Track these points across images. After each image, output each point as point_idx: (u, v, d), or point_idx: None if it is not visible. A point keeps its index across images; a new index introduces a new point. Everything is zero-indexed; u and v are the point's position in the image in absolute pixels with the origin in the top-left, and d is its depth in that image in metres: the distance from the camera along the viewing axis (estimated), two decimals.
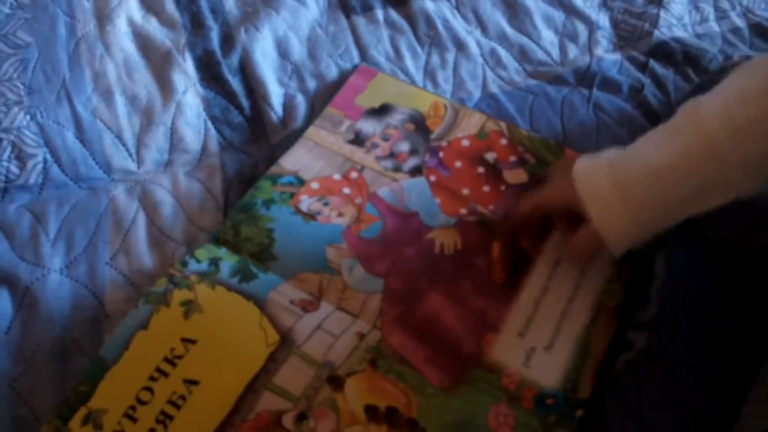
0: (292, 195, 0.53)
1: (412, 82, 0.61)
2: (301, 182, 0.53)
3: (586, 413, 0.43)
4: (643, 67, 0.63)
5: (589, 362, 0.44)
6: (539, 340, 0.45)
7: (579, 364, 0.44)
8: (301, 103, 0.61)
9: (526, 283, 0.48)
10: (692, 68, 0.62)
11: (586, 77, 0.62)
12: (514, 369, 0.44)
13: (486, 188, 0.51)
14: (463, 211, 0.51)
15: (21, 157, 0.57)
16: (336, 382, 0.44)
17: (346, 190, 0.53)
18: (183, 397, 0.43)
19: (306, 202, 0.52)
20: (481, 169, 0.52)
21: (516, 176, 0.52)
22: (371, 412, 0.43)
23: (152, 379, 0.44)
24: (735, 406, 0.43)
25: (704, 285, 0.48)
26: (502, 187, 0.52)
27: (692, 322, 0.47)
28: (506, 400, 0.43)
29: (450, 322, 0.46)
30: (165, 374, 0.44)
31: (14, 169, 0.57)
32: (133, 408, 0.43)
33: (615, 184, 0.42)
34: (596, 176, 0.43)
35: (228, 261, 0.50)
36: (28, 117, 0.59)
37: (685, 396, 0.44)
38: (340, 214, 0.52)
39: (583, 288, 0.47)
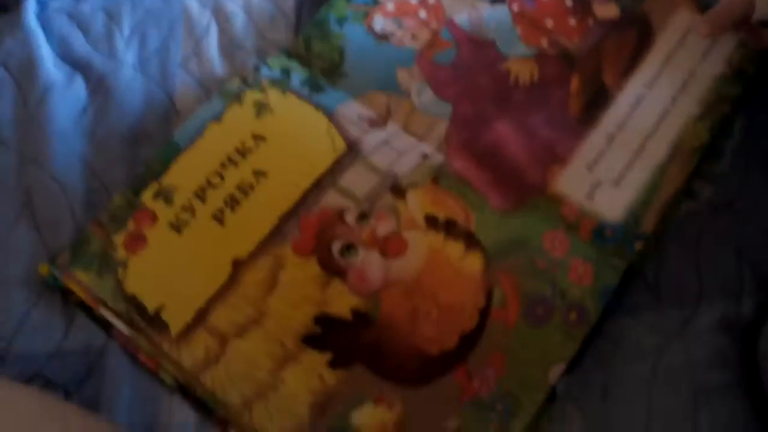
0: (366, 14, 0.52)
1: None
2: (376, 2, 0.52)
3: (646, 249, 0.43)
4: None
5: (656, 200, 0.44)
6: (607, 175, 0.45)
7: (645, 201, 0.44)
8: None
9: (603, 118, 0.46)
10: None
11: None
12: (576, 200, 0.44)
13: (572, 21, 0.49)
14: (544, 42, 0.49)
15: None
16: (398, 190, 0.45)
17: (422, 14, 0.51)
18: (251, 186, 0.45)
19: (380, 23, 0.51)
20: (569, 1, 0.50)
21: (607, 11, 0.50)
22: (431, 220, 0.44)
23: (223, 166, 0.45)
24: None
25: None
26: (590, 22, 0.49)
27: (764, 179, 0.46)
28: (564, 228, 0.43)
29: (516, 151, 0.46)
30: (235, 163, 0.45)
31: None
32: (203, 189, 0.45)
33: None
34: None
35: (298, 73, 0.50)
36: None
37: (745, 247, 0.44)
38: (413, 37, 0.50)
39: (664, 126, 0.46)
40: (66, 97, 0.50)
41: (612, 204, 0.44)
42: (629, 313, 0.43)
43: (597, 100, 0.47)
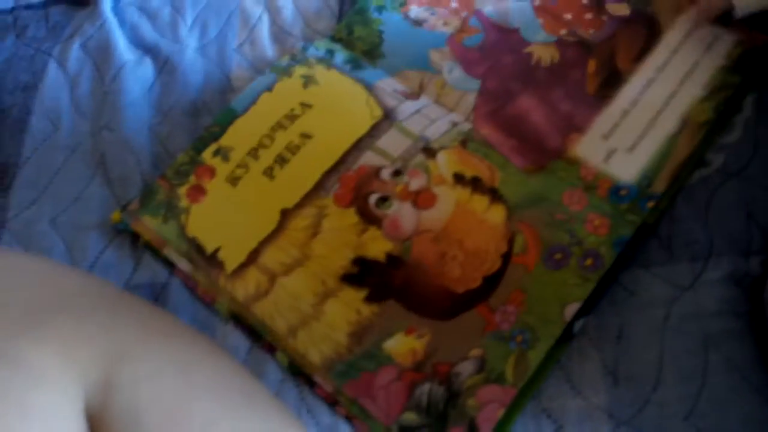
0: (402, 3, 0.57)
1: None
2: None
3: (657, 208, 0.46)
4: None
5: (667, 164, 0.47)
6: (622, 143, 0.48)
7: (658, 165, 0.47)
8: None
9: (617, 95, 0.50)
10: None
11: None
12: (594, 164, 0.48)
13: (588, 16, 0.54)
14: (564, 32, 0.54)
15: None
16: (429, 151, 0.50)
17: (453, 4, 0.57)
18: (298, 146, 0.50)
19: (415, 11, 0.57)
20: (585, 0, 0.55)
21: (619, 9, 0.54)
22: (458, 177, 0.48)
23: (273, 129, 0.51)
24: None
25: None
26: (604, 17, 0.54)
27: None
28: (582, 187, 0.47)
29: (538, 120, 0.51)
30: (284, 127, 0.51)
31: None
32: (255, 149, 0.50)
33: None
34: None
35: (341, 53, 0.55)
36: None
37: (755, 210, 0.46)
38: (445, 24, 0.56)
39: (674, 104, 0.49)
40: (136, 74, 0.57)
41: (626, 167, 0.47)
42: (644, 266, 0.45)
43: (612, 80, 0.51)
